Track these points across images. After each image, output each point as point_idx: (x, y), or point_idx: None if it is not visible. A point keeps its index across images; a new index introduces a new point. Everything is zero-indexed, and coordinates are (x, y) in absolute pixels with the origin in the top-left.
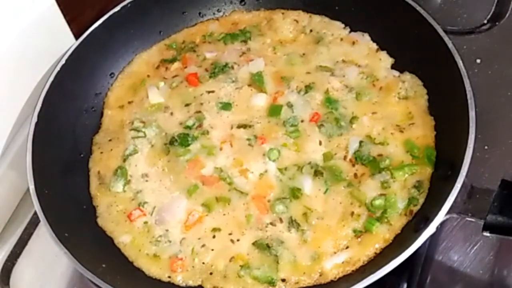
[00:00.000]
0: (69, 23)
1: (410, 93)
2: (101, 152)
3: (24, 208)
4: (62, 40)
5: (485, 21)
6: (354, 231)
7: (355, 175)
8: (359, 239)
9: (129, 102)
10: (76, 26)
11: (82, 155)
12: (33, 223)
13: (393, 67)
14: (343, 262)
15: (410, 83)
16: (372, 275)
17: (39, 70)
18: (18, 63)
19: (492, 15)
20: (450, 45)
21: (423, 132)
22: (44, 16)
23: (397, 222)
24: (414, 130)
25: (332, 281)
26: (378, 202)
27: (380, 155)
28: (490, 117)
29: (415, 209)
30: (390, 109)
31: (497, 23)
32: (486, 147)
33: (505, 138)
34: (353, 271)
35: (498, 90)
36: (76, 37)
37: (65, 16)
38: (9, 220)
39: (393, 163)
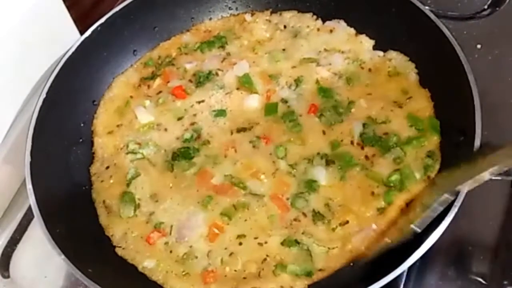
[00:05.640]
0: (68, 8)
1: (400, 69)
2: (102, 181)
3: (23, 194)
4: (63, 27)
5: (485, 7)
6: (378, 209)
7: (366, 157)
8: (384, 214)
9: (118, 126)
10: (76, 11)
11: (85, 188)
12: None
13: (375, 48)
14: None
15: (397, 60)
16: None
17: (41, 58)
18: (19, 49)
19: (492, 0)
20: (432, 16)
21: (422, 104)
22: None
23: (415, 188)
24: (413, 104)
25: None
26: (394, 177)
27: (385, 133)
28: (490, 103)
29: (432, 174)
30: (384, 88)
31: (497, 8)
32: (486, 132)
33: (506, 124)
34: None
35: (499, 75)
36: (76, 23)
37: (64, 1)
38: (8, 206)
39: (400, 139)
